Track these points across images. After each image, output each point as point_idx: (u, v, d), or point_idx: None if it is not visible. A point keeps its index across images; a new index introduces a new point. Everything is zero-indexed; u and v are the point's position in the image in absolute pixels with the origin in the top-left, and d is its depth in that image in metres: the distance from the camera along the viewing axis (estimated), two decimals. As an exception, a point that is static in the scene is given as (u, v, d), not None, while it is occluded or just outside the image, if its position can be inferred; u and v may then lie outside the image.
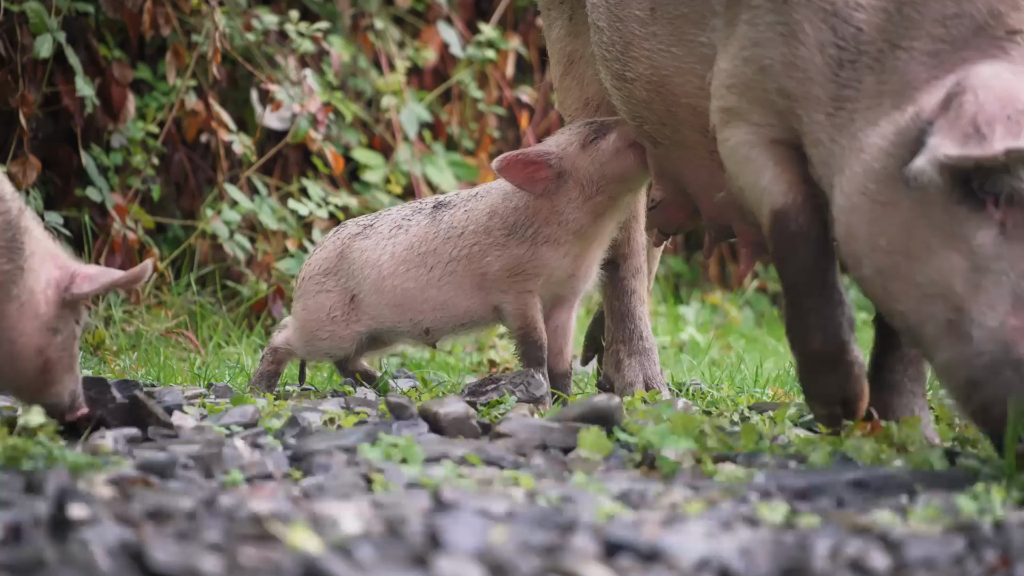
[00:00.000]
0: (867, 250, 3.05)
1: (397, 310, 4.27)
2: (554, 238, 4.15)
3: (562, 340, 4.26)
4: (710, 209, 3.89)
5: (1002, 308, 2.94)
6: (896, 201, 3.00)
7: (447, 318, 4.25)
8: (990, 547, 2.58)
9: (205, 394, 4.32)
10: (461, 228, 4.21)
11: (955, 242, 2.96)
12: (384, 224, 4.33)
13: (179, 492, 2.83)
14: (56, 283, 3.47)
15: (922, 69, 3.03)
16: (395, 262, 4.26)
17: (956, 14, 3.02)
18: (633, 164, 4.10)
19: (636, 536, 2.49)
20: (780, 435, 3.69)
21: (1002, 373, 2.94)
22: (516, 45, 7.01)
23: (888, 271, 3.03)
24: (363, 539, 2.44)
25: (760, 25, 3.22)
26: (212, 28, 5.71)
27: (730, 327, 7.13)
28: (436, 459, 3.32)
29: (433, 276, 4.22)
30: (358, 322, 4.31)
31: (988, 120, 2.87)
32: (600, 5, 3.89)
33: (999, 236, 2.95)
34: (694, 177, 3.85)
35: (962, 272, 2.96)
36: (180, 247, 5.91)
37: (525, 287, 4.18)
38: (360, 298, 4.30)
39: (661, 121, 3.79)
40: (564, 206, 4.14)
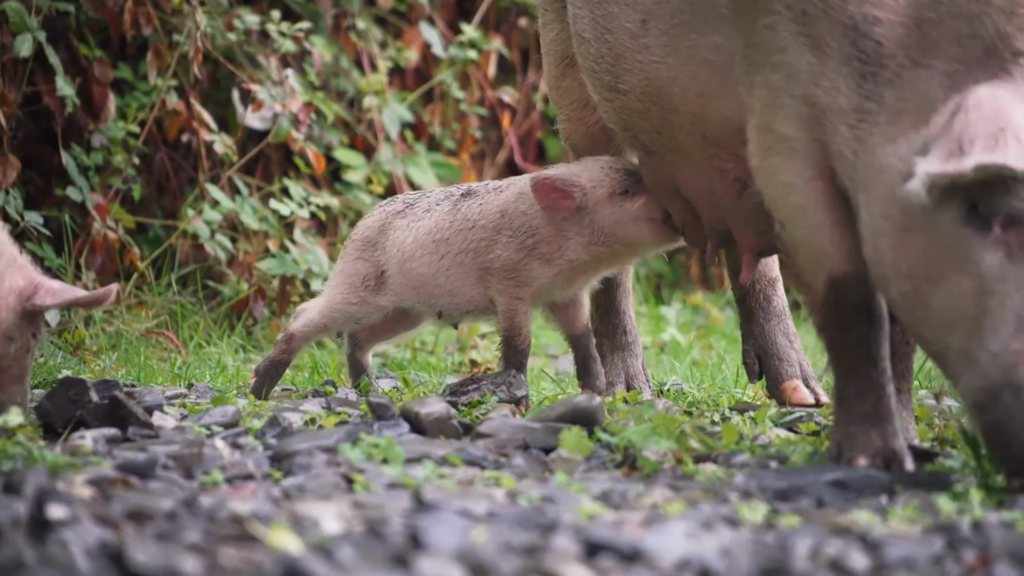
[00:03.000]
0: (892, 274, 3.04)
1: (415, 291, 4.28)
2: (549, 257, 4.13)
3: (573, 310, 4.24)
4: (710, 216, 3.87)
5: (1005, 331, 2.92)
6: (914, 226, 2.98)
7: (456, 304, 4.26)
8: (969, 547, 2.58)
9: (185, 394, 4.32)
10: (473, 222, 4.21)
11: (965, 265, 2.94)
12: (420, 206, 4.34)
13: (159, 492, 2.83)
14: (19, 292, 3.46)
15: (940, 89, 3.02)
16: (415, 246, 4.27)
17: (970, 35, 3.01)
18: (648, 239, 4.07)
19: (617, 536, 2.49)
20: (761, 435, 3.70)
21: (1001, 397, 2.92)
22: (498, 46, 7.00)
23: (911, 296, 3.02)
24: (344, 539, 2.44)
25: (783, 32, 3.19)
26: (193, 28, 5.69)
27: (711, 328, 7.13)
28: (417, 459, 3.32)
29: (443, 265, 4.23)
30: (384, 296, 4.31)
31: (971, 138, 2.87)
32: (584, 16, 3.86)
33: (1004, 258, 2.93)
34: (691, 184, 3.82)
35: (971, 296, 2.95)
36: (161, 247, 5.89)
37: (517, 293, 4.17)
38: (387, 274, 4.30)
39: (656, 130, 3.76)
40: (570, 236, 4.11)
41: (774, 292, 4.44)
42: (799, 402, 4.32)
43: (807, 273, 3.28)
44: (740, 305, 4.46)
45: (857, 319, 3.22)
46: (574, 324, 4.25)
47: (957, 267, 2.95)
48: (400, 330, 4.51)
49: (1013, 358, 2.91)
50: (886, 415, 3.22)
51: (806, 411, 4.10)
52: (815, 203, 3.22)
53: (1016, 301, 2.92)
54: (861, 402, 3.22)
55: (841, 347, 3.25)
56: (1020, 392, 2.90)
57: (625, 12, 3.69)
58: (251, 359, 5.55)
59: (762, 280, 4.43)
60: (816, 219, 3.23)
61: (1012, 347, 2.92)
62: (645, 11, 3.63)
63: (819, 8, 3.13)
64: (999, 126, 2.87)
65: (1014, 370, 2.91)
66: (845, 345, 3.25)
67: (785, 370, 4.38)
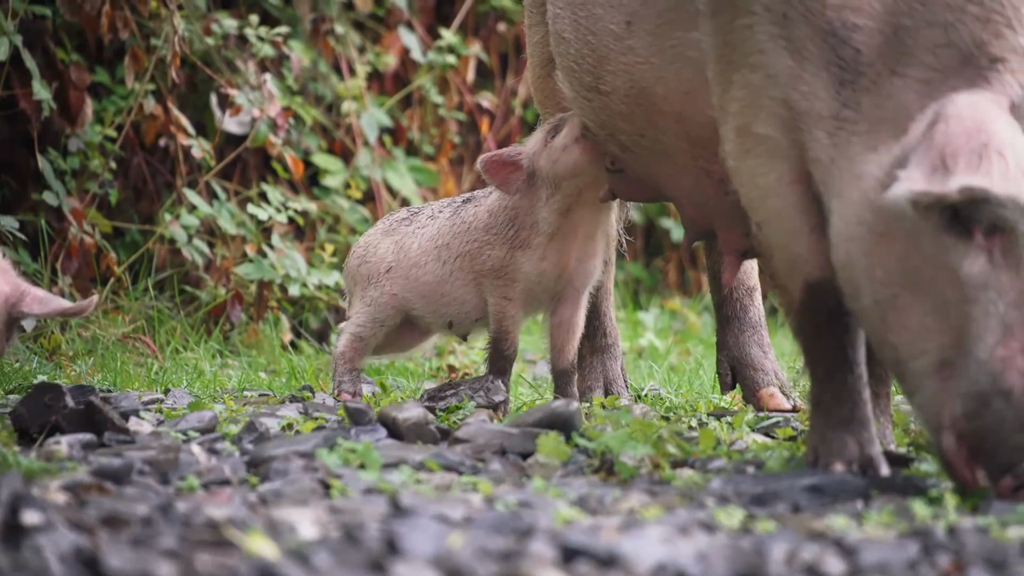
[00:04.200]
0: (865, 280, 3.03)
1: (424, 300, 4.26)
2: (526, 242, 4.13)
3: (564, 336, 4.22)
4: (693, 214, 3.86)
5: (991, 339, 2.92)
6: (891, 232, 2.98)
7: (466, 313, 4.24)
8: (944, 552, 2.59)
9: (162, 399, 4.31)
10: (468, 224, 4.22)
11: (946, 272, 2.94)
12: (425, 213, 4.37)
13: (134, 498, 2.82)
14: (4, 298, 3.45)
15: (915, 97, 3.02)
16: (420, 252, 4.27)
17: (945, 43, 3.01)
18: (579, 159, 4.07)
19: (593, 541, 2.49)
20: (738, 441, 3.70)
21: (991, 404, 2.92)
22: (477, 50, 7.01)
23: (886, 302, 3.01)
24: (320, 545, 2.44)
25: (761, 34, 3.19)
26: (171, 32, 5.68)
27: (689, 333, 7.15)
28: (394, 464, 3.31)
29: (446, 271, 4.23)
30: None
31: (953, 153, 2.86)
32: (565, 17, 3.85)
33: (986, 265, 2.93)
34: (675, 183, 3.81)
35: (953, 303, 2.94)
36: (138, 252, 5.88)
37: (505, 293, 4.16)
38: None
39: (640, 132, 3.76)
40: (535, 206, 4.13)
41: (751, 302, 4.45)
42: (776, 408, 4.33)
43: (783, 276, 3.28)
44: (717, 312, 4.47)
45: (834, 324, 3.22)
46: (563, 353, 4.22)
47: (938, 274, 2.95)
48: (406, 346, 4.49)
49: (1000, 365, 2.91)
50: (863, 421, 3.23)
51: (783, 416, 4.11)
52: (793, 207, 3.22)
53: (1000, 308, 2.92)
54: (838, 408, 3.22)
55: (818, 352, 3.26)
56: (1010, 397, 2.91)
57: (610, 14, 3.69)
58: (228, 364, 5.54)
59: (740, 288, 4.43)
60: (794, 224, 3.23)
61: (998, 354, 2.92)
62: (630, 12, 3.63)
63: (799, 12, 3.13)
64: (982, 141, 2.86)
65: (1002, 376, 2.91)
66: (822, 350, 3.25)
67: (761, 379, 4.39)
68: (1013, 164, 2.84)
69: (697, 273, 7.86)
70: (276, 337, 5.84)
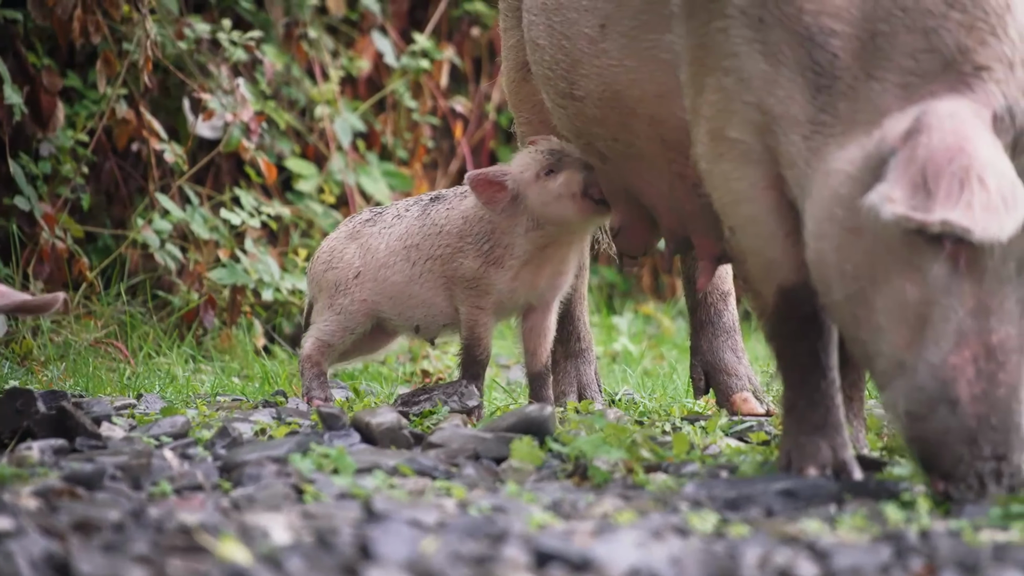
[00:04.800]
0: (836, 276, 3.03)
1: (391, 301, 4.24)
2: (500, 260, 4.11)
3: (536, 340, 4.21)
4: (669, 221, 3.86)
5: (945, 344, 2.92)
6: (861, 227, 2.97)
7: (433, 317, 4.22)
8: (916, 555, 2.60)
9: (134, 404, 4.29)
10: (440, 227, 4.19)
11: (911, 272, 2.94)
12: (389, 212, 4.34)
13: (106, 503, 2.81)
14: None
15: (893, 100, 3.01)
16: (388, 252, 4.25)
17: (926, 48, 3.01)
18: (573, 215, 4.04)
19: (567, 546, 2.49)
20: (711, 445, 3.71)
21: (937, 410, 2.93)
22: (450, 55, 7.01)
23: (855, 297, 3.01)
24: (293, 550, 2.43)
25: (736, 38, 3.19)
26: (143, 36, 5.67)
27: (663, 337, 7.15)
28: (368, 469, 3.31)
29: (415, 272, 4.20)
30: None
31: (935, 174, 2.84)
32: (539, 23, 3.85)
33: (952, 271, 2.94)
34: (651, 189, 3.81)
35: (913, 304, 2.95)
36: (110, 256, 5.87)
37: (478, 303, 4.15)
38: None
39: (614, 137, 3.76)
40: (513, 229, 4.11)
41: (725, 307, 4.45)
42: (749, 412, 4.34)
43: (757, 281, 3.29)
44: (691, 316, 4.47)
45: (807, 330, 3.23)
46: (535, 356, 4.22)
47: (902, 273, 2.96)
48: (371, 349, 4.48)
49: (951, 372, 2.92)
50: (835, 425, 3.23)
51: (756, 421, 4.11)
52: (767, 212, 3.22)
53: (958, 316, 2.93)
54: (810, 412, 3.23)
55: (791, 357, 3.26)
56: (956, 407, 2.92)
57: (584, 18, 3.69)
58: (201, 369, 5.53)
59: (714, 293, 4.44)
60: (768, 229, 3.23)
61: (951, 361, 2.93)
62: (604, 15, 3.63)
63: (774, 17, 3.12)
64: (963, 164, 2.84)
65: (952, 384, 2.92)
66: (795, 355, 3.25)
67: (734, 384, 4.40)
68: (995, 191, 2.82)
69: (671, 278, 7.87)
70: (249, 342, 5.83)
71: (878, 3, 3.05)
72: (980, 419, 2.92)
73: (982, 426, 2.92)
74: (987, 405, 2.92)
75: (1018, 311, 2.97)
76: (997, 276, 2.95)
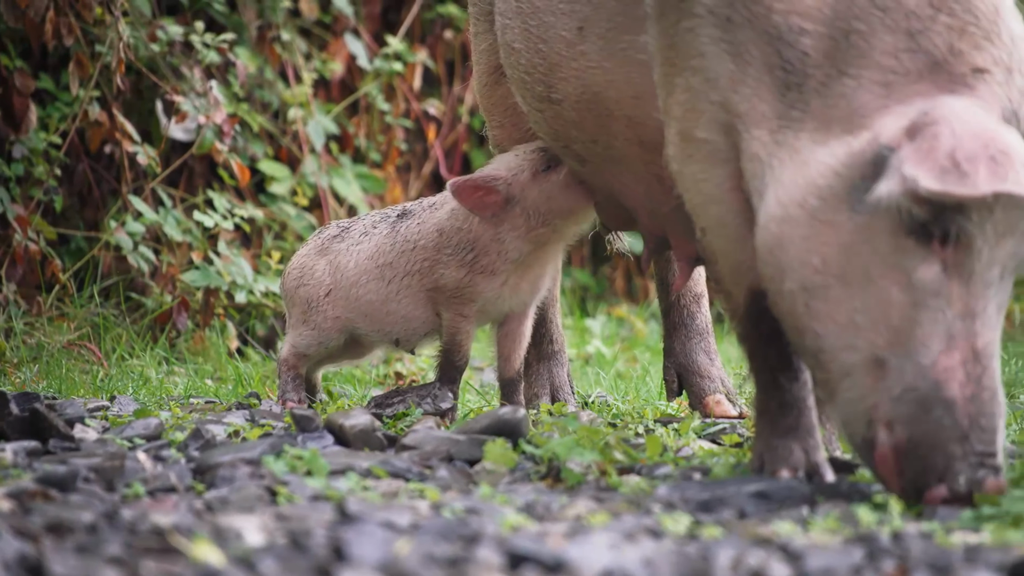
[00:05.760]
0: (796, 264, 3.02)
1: (367, 320, 4.24)
2: (491, 268, 4.10)
3: (511, 346, 4.22)
4: (648, 222, 3.86)
5: (936, 346, 2.94)
6: (838, 222, 2.97)
7: (413, 329, 4.22)
8: (888, 557, 2.61)
9: (108, 407, 4.29)
10: (413, 242, 4.19)
11: (896, 274, 2.94)
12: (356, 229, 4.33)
13: (80, 505, 2.80)
14: None
15: (873, 97, 3.01)
16: (357, 271, 4.24)
17: (910, 48, 3.02)
18: (582, 201, 4.06)
19: (540, 548, 2.50)
20: (684, 447, 3.72)
21: (933, 411, 2.94)
22: (423, 58, 7.01)
23: (816, 290, 3.00)
24: (266, 552, 2.43)
25: (704, 37, 3.19)
26: (116, 38, 5.66)
27: (636, 340, 7.16)
28: (341, 471, 3.31)
29: (391, 290, 4.20)
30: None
31: (969, 158, 2.84)
32: (515, 27, 3.85)
33: (941, 273, 2.95)
34: (629, 191, 3.82)
35: (898, 305, 2.96)
36: (83, 259, 5.85)
37: (461, 311, 4.15)
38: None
39: (592, 139, 3.76)
40: (507, 234, 4.09)
41: (698, 309, 4.46)
42: (722, 414, 4.35)
43: (728, 282, 3.29)
44: (665, 318, 4.48)
45: (779, 332, 3.23)
46: (509, 362, 4.22)
47: (885, 273, 2.95)
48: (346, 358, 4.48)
49: (944, 374, 2.93)
50: (808, 428, 3.24)
51: (729, 423, 4.12)
52: (737, 214, 3.23)
53: (948, 317, 2.94)
54: (783, 414, 3.24)
55: (763, 358, 3.27)
56: (952, 408, 2.93)
57: (561, 21, 3.69)
58: (174, 371, 5.51)
59: (687, 295, 4.45)
60: (738, 230, 3.23)
61: (942, 363, 2.94)
62: (582, 18, 3.63)
63: (743, 16, 3.13)
64: (1001, 148, 2.86)
65: (945, 386, 2.93)
66: (767, 357, 3.26)
67: (707, 386, 4.41)
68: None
69: (644, 280, 7.88)
70: (222, 344, 5.82)
71: (853, 2, 3.06)
72: (971, 419, 2.93)
73: (973, 426, 2.94)
74: (976, 407, 2.94)
75: (996, 317, 2.99)
76: (983, 280, 2.96)
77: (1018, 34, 3.05)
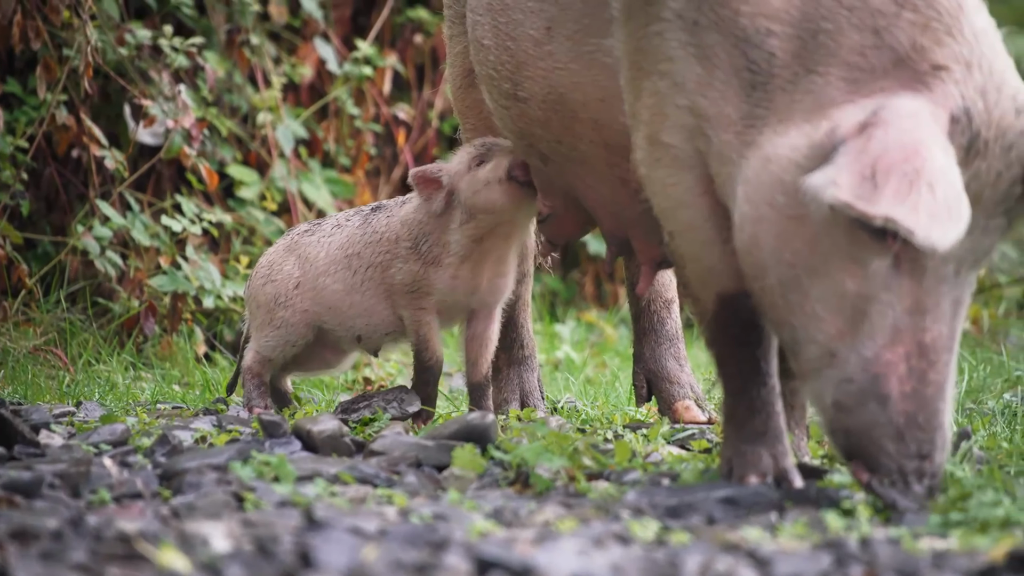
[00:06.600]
0: (772, 261, 3.02)
1: (332, 312, 4.23)
2: (438, 259, 4.10)
3: (478, 350, 4.20)
4: (611, 224, 3.86)
5: (880, 339, 2.95)
6: (804, 216, 2.98)
7: (374, 326, 4.21)
8: (856, 563, 2.61)
9: (73, 412, 4.26)
10: (380, 235, 4.19)
11: (851, 266, 2.96)
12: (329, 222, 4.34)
13: (45, 512, 2.79)
14: None
15: (838, 92, 3.01)
16: (328, 261, 4.24)
17: (875, 45, 3.03)
18: (500, 200, 4.04)
19: (508, 553, 2.49)
20: (653, 453, 3.72)
21: (867, 405, 2.95)
22: (393, 62, 7.00)
23: (790, 283, 3.01)
24: (233, 558, 2.42)
25: (672, 41, 3.19)
26: (84, 42, 5.63)
27: (605, 345, 7.17)
28: (309, 477, 3.30)
29: (356, 280, 4.19)
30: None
31: (885, 169, 2.84)
32: (485, 23, 3.85)
33: (892, 267, 2.96)
34: (592, 193, 3.81)
35: (851, 296, 2.97)
36: (50, 263, 5.82)
37: (419, 304, 4.14)
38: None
39: (557, 139, 3.76)
40: (448, 226, 4.10)
41: (668, 315, 4.46)
42: (691, 420, 4.35)
43: (696, 287, 3.29)
44: (634, 323, 4.48)
45: (747, 336, 3.24)
46: (476, 367, 4.20)
47: (842, 265, 2.97)
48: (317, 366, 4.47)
49: (884, 368, 2.95)
50: (776, 433, 3.24)
51: (698, 429, 4.12)
52: (705, 218, 3.23)
53: (895, 312, 2.96)
54: (751, 420, 3.24)
55: (731, 364, 3.27)
56: (887, 403, 2.95)
57: (530, 19, 3.69)
58: (141, 377, 5.49)
59: (657, 301, 4.45)
60: (706, 235, 3.24)
61: (884, 357, 2.95)
62: (550, 17, 3.64)
63: (710, 19, 3.13)
64: (915, 166, 2.85)
65: (883, 380, 2.95)
66: (735, 362, 3.26)
67: (676, 392, 4.41)
68: (942, 200, 2.83)
69: (614, 286, 7.88)
70: (190, 349, 5.80)
71: (820, 3, 3.07)
72: (908, 416, 2.95)
73: (909, 423, 2.95)
74: (915, 403, 2.95)
75: (951, 312, 3.00)
76: (936, 276, 2.97)
77: (980, 29, 3.05)
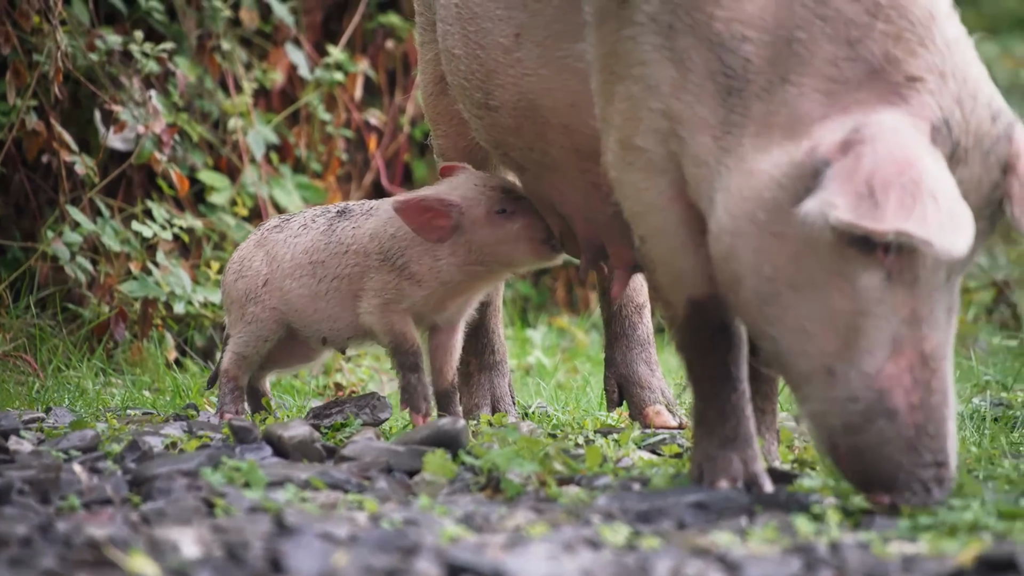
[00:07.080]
0: (748, 273, 3.01)
1: (297, 314, 4.21)
2: (419, 278, 4.06)
3: (443, 358, 4.18)
4: (585, 230, 3.86)
5: (880, 354, 2.94)
6: (785, 233, 2.97)
7: (338, 330, 4.19)
8: (826, 567, 2.62)
9: (43, 418, 4.25)
10: (346, 247, 4.15)
11: (840, 282, 2.94)
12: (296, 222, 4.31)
13: (14, 518, 2.78)
14: None
15: (814, 106, 3.01)
16: (293, 264, 4.21)
17: (849, 57, 3.02)
18: (528, 258, 4.01)
19: (479, 559, 2.49)
20: (624, 458, 3.72)
21: (876, 422, 2.94)
22: (365, 68, 6.99)
23: (768, 297, 3.00)
24: (203, 564, 2.42)
25: (645, 45, 3.19)
26: (54, 47, 5.61)
27: (577, 350, 7.17)
28: (279, 483, 3.29)
29: (321, 288, 4.17)
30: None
31: (883, 185, 2.83)
32: (455, 32, 3.84)
33: (884, 280, 2.95)
34: (566, 199, 3.82)
35: (844, 313, 2.96)
36: (19, 269, 5.80)
37: (388, 306, 4.11)
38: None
39: (529, 146, 3.76)
40: (442, 256, 4.03)
41: (640, 320, 4.47)
42: (662, 425, 4.36)
43: (667, 291, 3.29)
44: (606, 328, 4.49)
45: (717, 341, 3.24)
46: (442, 375, 4.18)
47: (831, 281, 2.96)
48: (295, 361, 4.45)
49: (888, 382, 2.94)
50: (746, 438, 3.25)
51: (669, 434, 4.13)
52: (677, 223, 3.23)
53: (892, 324, 2.95)
54: (721, 425, 3.24)
55: (701, 368, 3.27)
56: (895, 418, 2.94)
57: (499, 27, 3.69)
58: (111, 383, 5.48)
59: (629, 306, 4.46)
60: (677, 240, 3.24)
61: (887, 371, 2.94)
62: (519, 24, 3.63)
63: (684, 24, 3.13)
64: (914, 178, 2.83)
65: (889, 395, 2.94)
66: (705, 367, 3.27)
67: (647, 396, 4.42)
68: (946, 208, 2.82)
69: (585, 291, 7.89)
70: (160, 355, 5.78)
71: (793, 11, 3.06)
72: (918, 428, 2.94)
73: (919, 434, 2.94)
74: (924, 414, 2.94)
75: (946, 318, 3.00)
76: (929, 284, 2.97)
77: (952, 38, 3.05)
